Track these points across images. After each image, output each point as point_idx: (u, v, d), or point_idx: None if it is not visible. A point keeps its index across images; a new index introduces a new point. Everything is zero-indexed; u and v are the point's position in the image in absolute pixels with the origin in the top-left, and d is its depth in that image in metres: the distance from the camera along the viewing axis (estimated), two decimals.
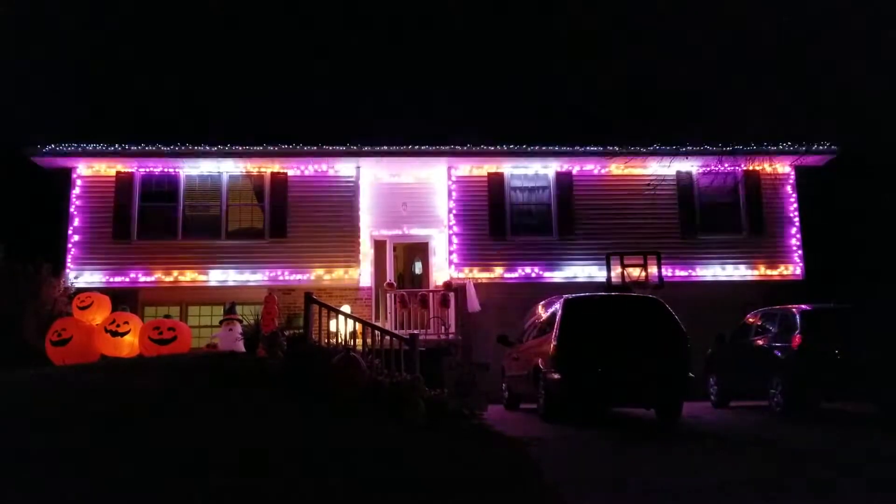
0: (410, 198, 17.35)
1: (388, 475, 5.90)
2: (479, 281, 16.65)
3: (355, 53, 31.85)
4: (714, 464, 7.18)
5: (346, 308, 13.52)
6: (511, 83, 25.81)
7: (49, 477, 5.14)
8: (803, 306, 11.53)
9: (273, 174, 17.04)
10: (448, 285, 16.14)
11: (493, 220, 17.11)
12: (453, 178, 17.23)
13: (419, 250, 17.80)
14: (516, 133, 17.25)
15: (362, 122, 20.28)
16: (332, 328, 12.13)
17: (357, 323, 11.73)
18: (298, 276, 16.52)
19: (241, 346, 12.13)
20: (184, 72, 26.31)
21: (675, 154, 13.66)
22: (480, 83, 26.78)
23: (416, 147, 16.71)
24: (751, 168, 14.48)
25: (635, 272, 16.05)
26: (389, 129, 17.41)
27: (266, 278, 16.50)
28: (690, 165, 16.99)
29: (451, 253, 16.88)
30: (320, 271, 16.59)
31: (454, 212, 17.08)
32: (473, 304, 16.06)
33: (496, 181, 17.30)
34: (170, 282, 16.42)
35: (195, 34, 27.24)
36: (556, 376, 10.08)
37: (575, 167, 17.44)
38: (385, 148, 16.65)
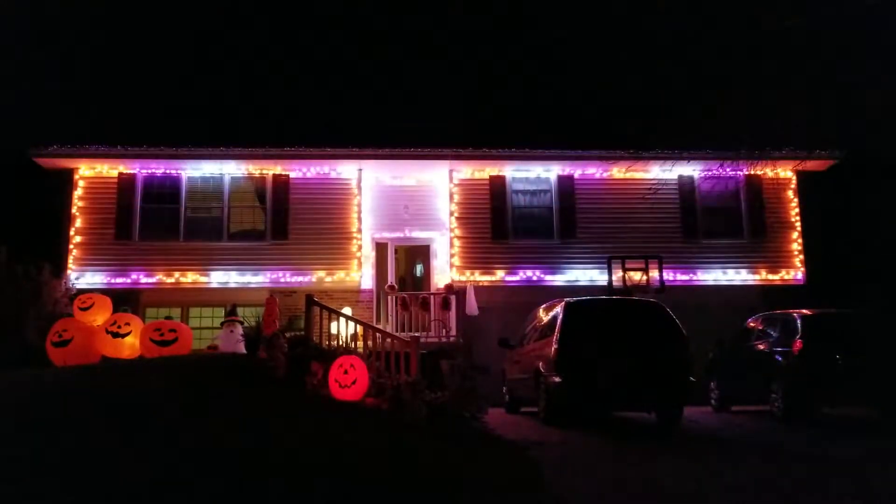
0: (412, 200, 17.35)
1: (388, 477, 5.90)
2: (481, 284, 16.65)
3: (357, 56, 31.90)
4: (714, 468, 7.16)
5: (347, 310, 13.53)
6: (513, 86, 25.84)
7: (48, 479, 5.14)
8: (804, 311, 11.52)
9: (275, 176, 17.06)
10: (449, 288, 16.13)
11: (495, 223, 17.12)
12: (455, 181, 17.24)
13: (420, 253, 17.81)
14: (518, 136, 17.26)
15: (364, 124, 20.29)
16: (334, 330, 12.15)
17: (358, 325, 11.74)
18: (300, 279, 16.54)
19: (242, 348, 12.14)
20: (186, 73, 26.36)
21: (677, 158, 13.67)
22: (482, 86, 26.80)
23: (418, 149, 16.72)
24: (752, 172, 14.47)
25: (637, 276, 16.04)
26: (391, 132, 17.43)
27: (267, 280, 16.51)
28: (692, 169, 17.00)
29: (452, 256, 16.89)
30: (321, 273, 16.61)
31: (456, 214, 17.09)
32: (472, 307, 16.07)
33: (498, 184, 17.31)
34: (171, 283, 16.43)
35: (197, 35, 27.30)
36: (557, 380, 10.07)
37: (577, 170, 17.45)
38: (387, 150, 16.66)
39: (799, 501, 5.83)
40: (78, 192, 16.81)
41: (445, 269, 16.97)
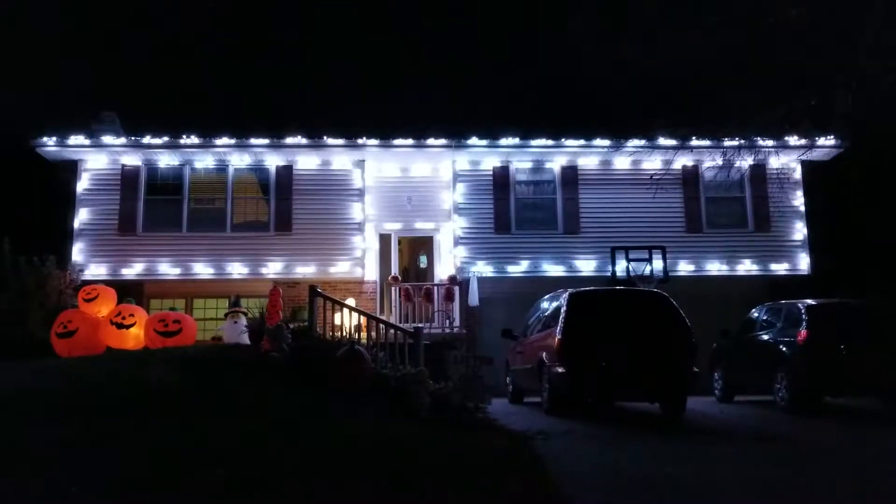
0: (415, 192, 17.34)
1: (391, 467, 5.91)
2: (484, 275, 16.64)
3: (360, 48, 31.83)
4: (717, 459, 7.16)
5: (350, 301, 13.53)
6: (516, 77, 25.76)
7: (48, 471, 5.16)
8: (809, 301, 11.48)
9: (278, 168, 17.05)
10: (453, 279, 16.14)
11: (498, 215, 17.10)
12: (458, 172, 17.21)
13: (424, 244, 17.81)
14: (521, 127, 17.23)
15: (368, 115, 20.27)
16: (337, 321, 12.14)
17: (362, 316, 11.74)
18: (303, 270, 16.55)
19: (245, 339, 12.19)
20: (190, 65, 26.33)
21: (680, 148, 13.61)
22: (485, 77, 26.73)
23: (421, 141, 16.68)
24: (757, 162, 14.41)
25: (640, 266, 16.02)
26: (394, 123, 17.41)
27: (271, 271, 16.53)
28: (696, 159, 16.94)
29: (455, 247, 16.87)
30: (325, 265, 16.61)
31: (459, 206, 17.07)
32: (475, 298, 16.09)
33: (501, 175, 17.28)
34: (175, 275, 16.45)
35: (201, 27, 27.25)
36: (561, 370, 10.06)
37: (580, 161, 17.40)
38: (390, 141, 16.63)
39: (800, 493, 5.82)
40: (82, 184, 16.83)
41: (449, 261, 16.97)
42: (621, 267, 16.08)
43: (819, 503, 5.44)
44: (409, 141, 16.67)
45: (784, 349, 11.10)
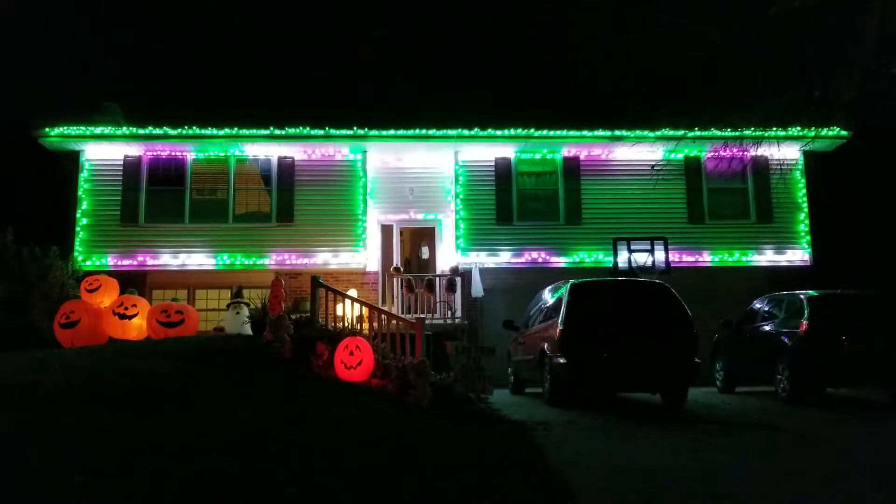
0: (417, 182, 17.33)
1: (391, 458, 5.93)
2: (486, 265, 16.65)
3: (362, 37, 31.73)
4: (718, 449, 7.18)
5: (352, 292, 13.56)
6: (518, 67, 25.68)
7: (50, 461, 5.18)
8: (811, 292, 11.48)
9: (280, 158, 17.04)
10: (454, 270, 16.14)
11: (500, 205, 17.10)
12: (460, 163, 17.20)
13: (426, 235, 17.81)
14: (523, 118, 17.17)
15: (370, 106, 20.22)
16: (339, 312, 12.17)
17: (364, 307, 11.76)
18: (305, 261, 16.57)
19: (247, 330, 12.23)
20: (192, 55, 26.26)
21: (682, 139, 13.59)
22: (487, 67, 26.66)
23: (423, 132, 16.66)
24: (759, 153, 14.35)
25: (642, 257, 16.01)
26: (396, 114, 17.37)
27: (273, 262, 16.55)
28: (698, 150, 16.91)
29: (457, 238, 16.88)
30: (327, 255, 16.63)
31: (461, 196, 17.06)
32: (477, 289, 16.10)
33: (503, 166, 17.26)
34: (177, 265, 16.49)
35: (201, 15, 27.18)
36: (562, 361, 10.09)
37: (582, 152, 17.38)
38: (392, 132, 16.61)
39: (799, 482, 5.84)
40: (84, 175, 16.85)
41: (450, 251, 16.98)
42: (623, 258, 16.07)
43: (820, 494, 5.46)
44: (412, 132, 16.64)
45: (785, 340, 11.11)
